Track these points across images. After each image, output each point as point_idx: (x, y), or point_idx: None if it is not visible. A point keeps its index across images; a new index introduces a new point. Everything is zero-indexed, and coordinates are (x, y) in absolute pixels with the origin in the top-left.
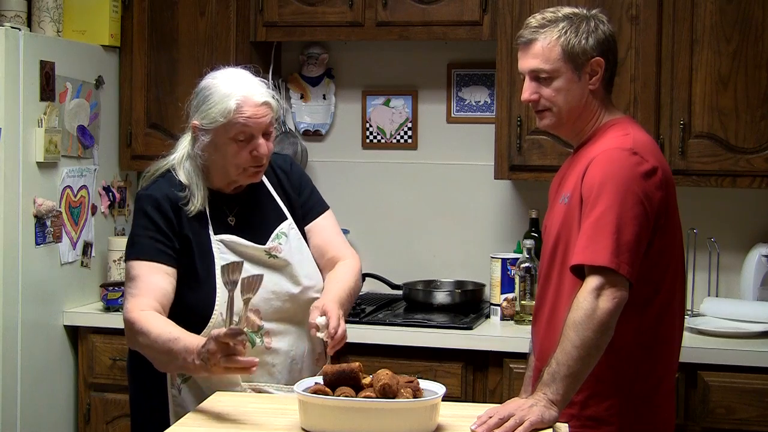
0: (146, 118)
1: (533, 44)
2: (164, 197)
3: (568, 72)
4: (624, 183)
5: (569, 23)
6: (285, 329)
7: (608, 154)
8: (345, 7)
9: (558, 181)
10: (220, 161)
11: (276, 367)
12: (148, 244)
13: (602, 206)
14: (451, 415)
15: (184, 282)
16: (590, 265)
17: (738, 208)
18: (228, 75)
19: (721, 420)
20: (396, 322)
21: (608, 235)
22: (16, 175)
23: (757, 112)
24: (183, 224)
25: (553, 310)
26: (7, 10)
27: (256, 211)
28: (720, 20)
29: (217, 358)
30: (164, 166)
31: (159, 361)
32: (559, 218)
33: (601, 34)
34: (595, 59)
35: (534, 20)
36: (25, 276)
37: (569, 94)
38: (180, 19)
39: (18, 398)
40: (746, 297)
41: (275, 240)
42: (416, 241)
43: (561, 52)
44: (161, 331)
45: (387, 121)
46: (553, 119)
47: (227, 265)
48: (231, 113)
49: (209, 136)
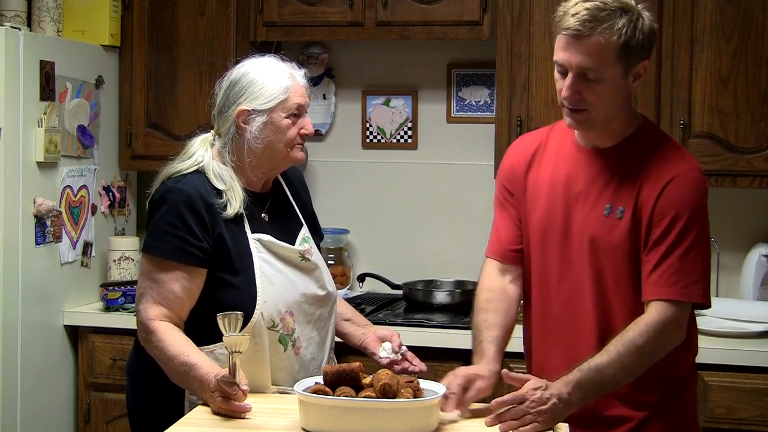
0: (146, 118)
1: (587, 39)
2: (197, 194)
3: (618, 74)
4: (703, 209)
5: (628, 20)
6: (311, 336)
7: (688, 177)
8: (345, 7)
9: (570, 178)
10: (274, 141)
11: (300, 374)
12: (173, 242)
13: (691, 238)
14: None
15: (222, 282)
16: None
17: (738, 208)
18: (262, 60)
19: (721, 420)
20: (396, 322)
21: (696, 270)
22: (16, 175)
23: (757, 111)
24: (217, 223)
25: (578, 314)
26: (7, 10)
27: (283, 212)
28: (720, 20)
29: (215, 397)
30: (188, 168)
31: (171, 377)
32: (601, 228)
33: (651, 34)
34: (644, 62)
35: (585, 10)
36: (25, 276)
37: (612, 97)
38: (180, 19)
39: (18, 398)
40: (746, 297)
41: (303, 243)
42: (416, 241)
43: (618, 53)
44: (178, 351)
45: (387, 121)
46: (587, 120)
47: (225, 316)
48: (288, 89)
49: (265, 116)
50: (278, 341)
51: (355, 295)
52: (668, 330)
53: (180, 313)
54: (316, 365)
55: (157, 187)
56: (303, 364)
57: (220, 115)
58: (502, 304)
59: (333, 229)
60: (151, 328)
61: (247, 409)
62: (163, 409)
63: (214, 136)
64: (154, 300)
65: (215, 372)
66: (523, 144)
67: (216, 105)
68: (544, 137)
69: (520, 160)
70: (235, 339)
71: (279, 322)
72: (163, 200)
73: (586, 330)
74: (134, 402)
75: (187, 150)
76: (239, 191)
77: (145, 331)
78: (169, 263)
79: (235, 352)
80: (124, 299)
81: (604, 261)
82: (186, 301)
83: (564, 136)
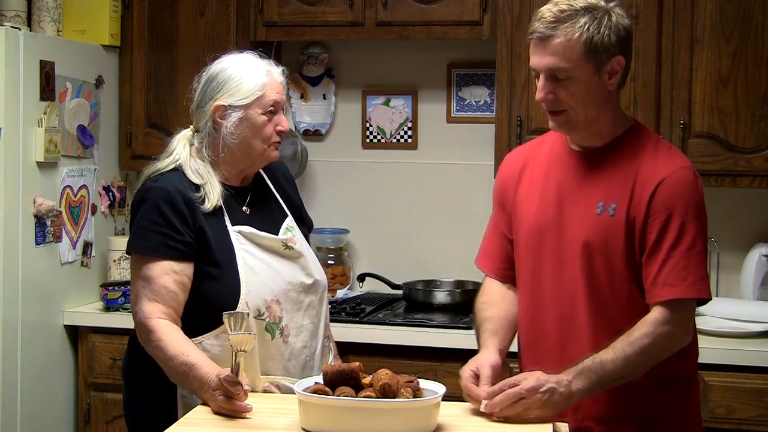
0: (146, 117)
1: (551, 40)
2: (176, 190)
3: (588, 71)
4: (700, 207)
5: (591, 18)
6: (302, 324)
7: (680, 176)
8: (345, 6)
9: (561, 180)
10: (250, 137)
11: (291, 362)
12: (156, 239)
13: (690, 235)
14: (451, 415)
15: (204, 275)
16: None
17: (738, 208)
18: (240, 56)
19: (721, 420)
20: (396, 322)
21: (700, 267)
22: (16, 175)
23: (757, 111)
24: (197, 217)
25: (572, 316)
26: (7, 10)
27: (265, 204)
28: (720, 20)
29: (216, 396)
30: (166, 167)
31: (169, 376)
32: (593, 226)
33: (622, 30)
34: (616, 57)
35: (549, 12)
36: (25, 276)
37: (588, 95)
38: (180, 19)
39: (18, 398)
40: (746, 297)
41: (287, 233)
42: (416, 241)
43: (583, 50)
44: (178, 351)
45: (387, 121)
46: (568, 121)
47: (231, 315)
48: (265, 86)
49: (241, 112)
50: (265, 329)
51: (355, 295)
52: (675, 330)
53: (175, 308)
54: (309, 353)
55: (138, 188)
56: (293, 353)
57: (197, 110)
58: (504, 304)
59: (333, 229)
60: (149, 327)
61: (248, 409)
62: (156, 408)
63: (192, 131)
64: (148, 298)
65: (216, 372)
66: (513, 158)
67: (194, 100)
68: (535, 148)
69: (510, 174)
70: (240, 338)
71: (265, 310)
72: (143, 200)
73: (581, 331)
74: (129, 401)
75: (168, 147)
76: (217, 185)
77: (144, 331)
78: (155, 259)
79: (240, 351)
80: (124, 299)
81: (598, 260)
82: (179, 295)
83: (556, 140)
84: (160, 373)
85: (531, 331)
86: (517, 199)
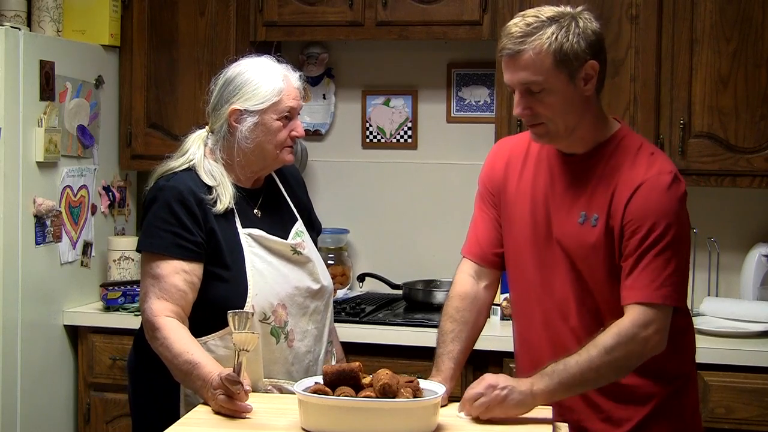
0: (146, 117)
1: (521, 55)
2: (188, 190)
3: (562, 81)
4: (677, 212)
5: (557, 27)
6: (306, 329)
7: (656, 181)
8: (345, 6)
9: (548, 184)
10: (264, 142)
11: (294, 366)
12: (167, 238)
13: (665, 241)
14: (451, 415)
15: (212, 276)
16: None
17: (738, 208)
18: (258, 60)
19: (721, 420)
20: (396, 322)
21: (672, 273)
22: (16, 174)
23: (757, 111)
24: (209, 218)
25: (563, 318)
26: (7, 10)
27: (275, 208)
28: (720, 20)
29: (217, 395)
30: (180, 166)
31: (173, 374)
32: (576, 235)
33: (591, 35)
34: (588, 63)
35: (516, 28)
36: (25, 276)
37: (565, 105)
38: (180, 19)
39: (18, 398)
40: (746, 297)
41: (296, 237)
42: (416, 241)
43: (553, 61)
44: (182, 349)
45: (387, 121)
46: (548, 132)
47: (235, 314)
48: (282, 92)
49: (256, 117)
50: (270, 333)
51: (355, 295)
52: (642, 333)
53: (184, 307)
54: (313, 358)
55: (150, 186)
56: (297, 357)
57: (213, 113)
58: (472, 315)
59: (333, 229)
60: (156, 325)
61: (249, 409)
62: (161, 406)
63: (207, 132)
64: (156, 296)
65: (218, 371)
66: (503, 147)
67: (210, 102)
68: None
69: (498, 163)
70: (243, 337)
71: (271, 314)
72: (155, 199)
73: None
74: (134, 399)
75: (182, 147)
76: (229, 187)
77: (151, 329)
78: (166, 258)
79: (243, 350)
80: (123, 299)
81: (583, 267)
82: (188, 294)
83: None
84: (165, 372)
85: (523, 331)
86: (507, 192)
